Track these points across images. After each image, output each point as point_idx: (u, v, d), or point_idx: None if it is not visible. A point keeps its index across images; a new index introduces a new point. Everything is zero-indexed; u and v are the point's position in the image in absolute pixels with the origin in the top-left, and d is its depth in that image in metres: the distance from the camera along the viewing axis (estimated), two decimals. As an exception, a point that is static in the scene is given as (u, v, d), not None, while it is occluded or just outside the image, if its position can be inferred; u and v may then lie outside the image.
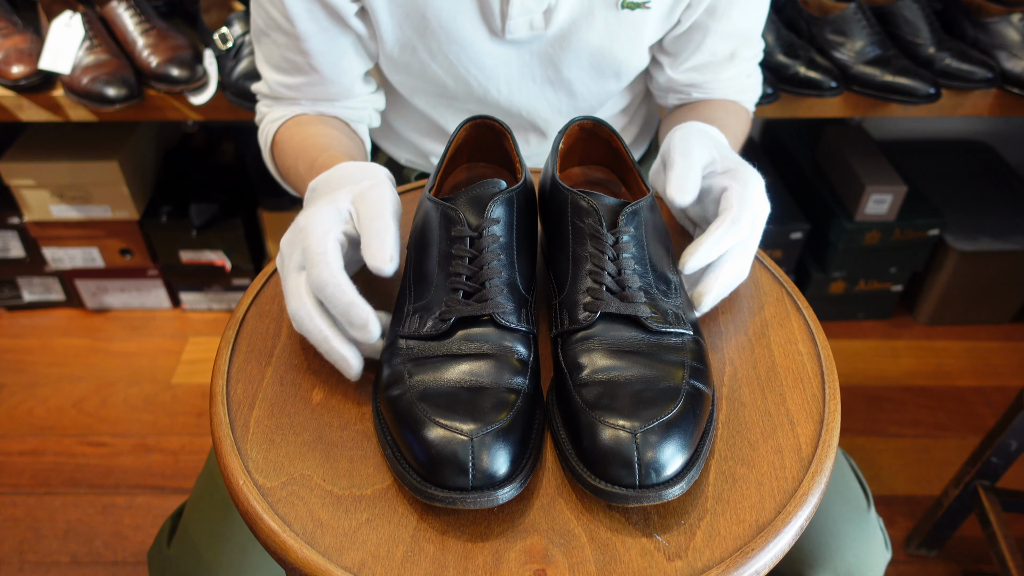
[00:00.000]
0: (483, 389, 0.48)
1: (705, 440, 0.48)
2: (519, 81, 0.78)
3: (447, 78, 0.77)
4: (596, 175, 0.68)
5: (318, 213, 0.53)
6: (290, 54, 0.74)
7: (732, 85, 0.83)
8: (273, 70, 0.77)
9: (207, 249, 1.59)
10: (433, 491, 0.44)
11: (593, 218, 0.53)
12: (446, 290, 0.52)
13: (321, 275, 0.50)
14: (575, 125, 0.63)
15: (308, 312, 0.51)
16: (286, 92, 0.78)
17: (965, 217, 1.60)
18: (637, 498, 0.44)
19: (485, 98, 0.79)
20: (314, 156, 0.69)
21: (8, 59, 1.19)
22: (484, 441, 0.44)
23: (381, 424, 0.50)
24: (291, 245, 0.54)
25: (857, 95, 1.23)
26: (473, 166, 0.68)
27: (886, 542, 0.74)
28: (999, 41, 1.23)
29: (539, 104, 0.81)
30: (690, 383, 0.49)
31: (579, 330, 0.52)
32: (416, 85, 0.80)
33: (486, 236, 0.52)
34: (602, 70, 0.78)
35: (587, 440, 0.46)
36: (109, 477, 1.38)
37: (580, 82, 0.79)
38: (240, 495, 0.47)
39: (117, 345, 1.64)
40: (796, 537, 0.47)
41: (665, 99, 0.87)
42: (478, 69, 0.76)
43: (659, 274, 0.54)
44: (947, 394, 1.55)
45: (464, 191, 0.53)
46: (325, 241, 0.52)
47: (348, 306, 0.50)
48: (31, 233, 1.56)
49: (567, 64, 0.77)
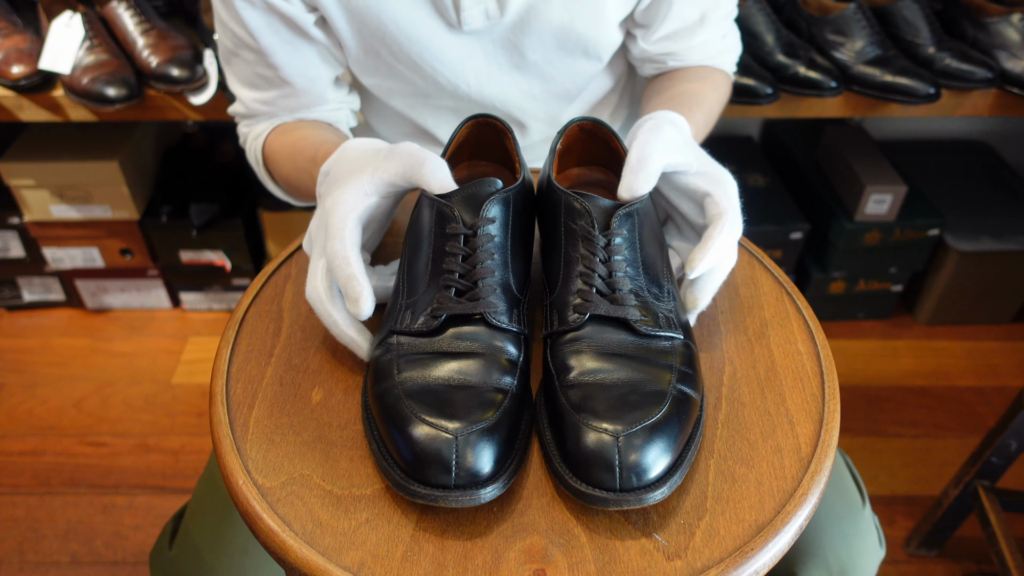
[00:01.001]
0: (470, 388, 0.48)
1: (691, 445, 0.48)
2: (486, 71, 0.78)
3: (415, 77, 0.77)
4: (595, 176, 0.68)
5: (343, 193, 0.55)
6: (260, 69, 0.75)
7: (707, 49, 0.82)
8: (247, 88, 0.78)
9: (207, 249, 1.59)
10: (416, 488, 0.44)
11: (585, 220, 0.53)
12: (438, 287, 0.52)
13: (334, 247, 0.52)
14: (574, 125, 0.63)
15: (319, 295, 0.54)
16: (262, 108, 0.79)
17: (965, 217, 1.60)
18: (617, 502, 0.44)
19: (456, 93, 0.79)
20: (313, 150, 0.70)
21: (8, 59, 1.19)
22: (469, 440, 0.44)
23: (369, 419, 0.50)
24: (318, 228, 0.56)
25: (857, 95, 1.23)
26: (474, 164, 0.68)
27: (880, 539, 0.74)
28: (999, 41, 1.24)
29: (511, 92, 0.80)
30: (677, 388, 0.48)
31: (568, 331, 0.52)
32: (389, 87, 0.80)
33: (481, 235, 0.52)
34: (568, 49, 0.77)
35: (571, 442, 0.46)
36: (109, 477, 1.38)
37: (549, 64, 0.78)
38: (240, 495, 0.47)
39: (117, 345, 1.64)
40: (796, 537, 0.47)
41: (641, 69, 0.85)
42: (443, 65, 0.76)
43: (652, 277, 0.54)
44: (947, 394, 1.55)
45: (460, 189, 0.53)
46: (347, 218, 0.53)
47: (348, 278, 0.52)
48: (31, 233, 1.56)
49: (531, 47, 0.76)
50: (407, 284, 0.54)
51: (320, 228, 0.55)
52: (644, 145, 0.56)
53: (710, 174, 0.58)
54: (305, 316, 0.61)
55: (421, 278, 0.53)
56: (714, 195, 0.57)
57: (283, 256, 0.67)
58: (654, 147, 0.56)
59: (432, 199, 0.53)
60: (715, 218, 0.56)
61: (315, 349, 0.58)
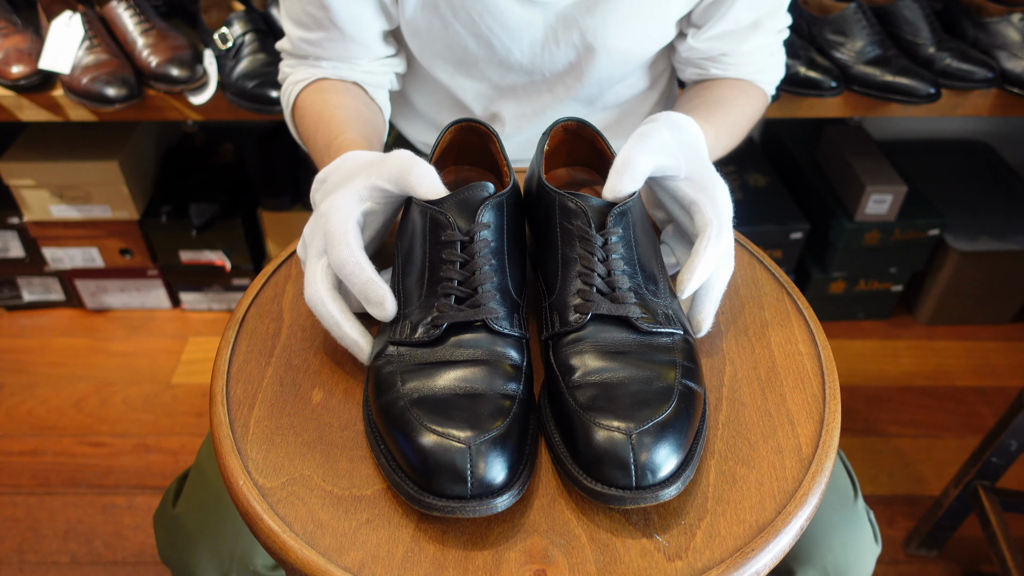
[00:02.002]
0: (478, 396, 0.47)
1: (699, 440, 0.48)
2: (542, 43, 0.77)
3: (469, 39, 0.77)
4: (581, 176, 0.68)
5: (338, 198, 0.55)
6: (311, 8, 0.74)
7: (752, 61, 0.81)
8: (295, 25, 0.77)
9: (207, 249, 1.59)
10: (431, 500, 0.44)
11: (581, 219, 0.53)
12: (437, 296, 0.51)
13: (341, 254, 0.52)
14: (559, 126, 0.63)
15: (321, 298, 0.53)
16: (307, 48, 0.78)
17: (965, 217, 1.60)
18: (634, 499, 0.44)
19: (507, 59, 0.78)
20: (332, 135, 0.70)
21: (8, 59, 1.19)
22: (481, 449, 0.44)
23: (374, 432, 0.49)
24: (313, 233, 0.55)
25: (857, 95, 1.23)
26: (459, 169, 0.68)
27: (875, 535, 0.74)
28: (999, 41, 1.24)
29: (562, 69, 0.80)
30: (683, 383, 0.48)
31: (570, 332, 0.51)
32: (436, 51, 0.79)
33: (477, 241, 0.52)
34: (626, 39, 0.77)
35: (582, 443, 0.45)
36: (109, 477, 1.38)
37: (603, 50, 0.78)
38: (240, 495, 0.47)
39: (117, 345, 1.64)
40: (797, 537, 0.47)
41: (683, 72, 0.85)
42: (501, 29, 0.75)
43: (648, 274, 0.54)
44: (947, 394, 1.55)
45: (452, 195, 0.53)
46: (346, 223, 0.53)
47: (366, 283, 0.52)
48: (31, 233, 1.56)
49: (591, 30, 0.76)
50: (404, 293, 0.54)
51: (316, 233, 0.55)
52: (631, 148, 0.55)
53: (698, 180, 0.57)
54: (305, 316, 0.61)
55: (417, 287, 0.53)
56: (700, 203, 0.56)
57: (283, 256, 0.67)
58: (641, 149, 0.55)
59: (424, 206, 0.53)
60: (701, 229, 0.56)
61: (315, 349, 0.58)
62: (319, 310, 0.53)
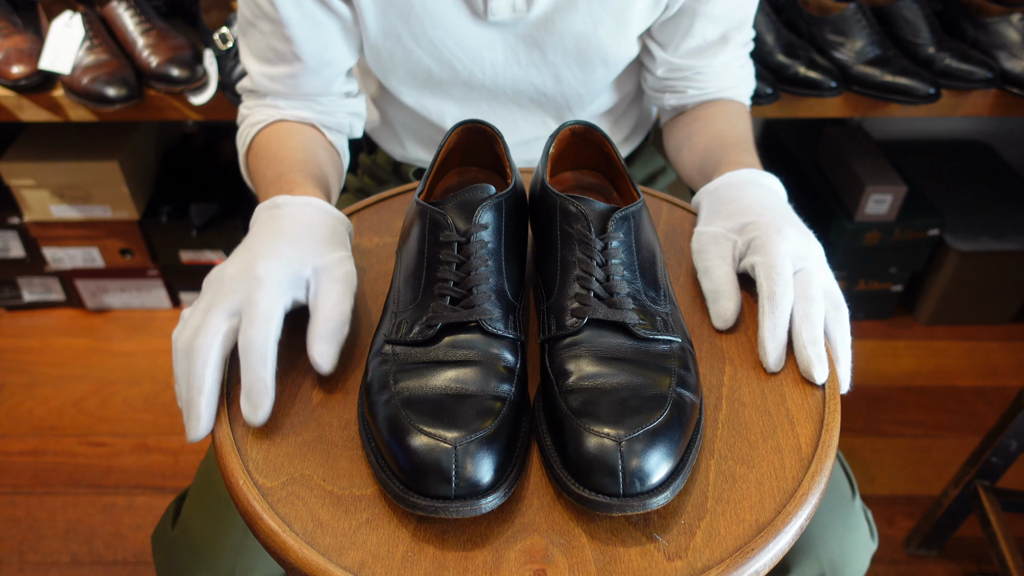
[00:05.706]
0: (468, 396, 0.47)
1: (691, 449, 0.48)
2: (504, 64, 0.79)
3: (432, 63, 0.78)
4: (588, 180, 0.68)
5: (278, 271, 0.53)
6: (275, 42, 0.74)
7: (726, 76, 0.83)
8: (257, 61, 0.77)
9: (207, 249, 1.59)
10: (415, 499, 0.44)
11: (582, 223, 0.53)
12: (433, 295, 0.51)
13: (256, 338, 0.49)
14: (567, 129, 0.62)
15: (203, 357, 0.49)
16: (268, 85, 0.78)
17: (965, 217, 1.60)
18: (621, 507, 0.43)
19: (470, 81, 0.80)
20: (283, 170, 0.68)
21: (8, 59, 1.19)
22: (468, 449, 0.44)
23: (366, 430, 0.49)
24: (234, 281, 0.52)
25: (857, 95, 1.23)
26: (465, 170, 0.68)
27: (872, 532, 0.74)
28: (999, 41, 1.24)
29: (524, 87, 0.81)
30: (677, 391, 0.48)
31: (566, 336, 0.51)
32: (400, 76, 0.80)
33: (474, 242, 0.52)
34: (588, 57, 0.78)
35: (572, 448, 0.45)
36: (109, 477, 1.38)
37: (566, 67, 0.79)
38: (240, 495, 0.47)
39: (117, 345, 1.64)
40: (796, 537, 0.47)
41: (661, 100, 0.86)
42: (463, 52, 0.76)
43: (648, 280, 0.54)
44: (947, 394, 1.55)
45: (452, 196, 0.53)
46: (275, 307, 0.51)
47: (256, 381, 0.49)
48: (31, 233, 1.56)
49: (551, 48, 0.77)
50: (401, 292, 0.54)
51: (235, 285, 0.52)
52: (707, 270, 0.61)
53: (755, 239, 0.60)
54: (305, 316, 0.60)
55: (415, 286, 0.53)
56: (756, 267, 0.58)
57: (283, 256, 0.67)
58: (716, 270, 0.61)
59: (425, 207, 0.53)
60: (760, 302, 0.57)
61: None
62: (190, 365, 0.50)
